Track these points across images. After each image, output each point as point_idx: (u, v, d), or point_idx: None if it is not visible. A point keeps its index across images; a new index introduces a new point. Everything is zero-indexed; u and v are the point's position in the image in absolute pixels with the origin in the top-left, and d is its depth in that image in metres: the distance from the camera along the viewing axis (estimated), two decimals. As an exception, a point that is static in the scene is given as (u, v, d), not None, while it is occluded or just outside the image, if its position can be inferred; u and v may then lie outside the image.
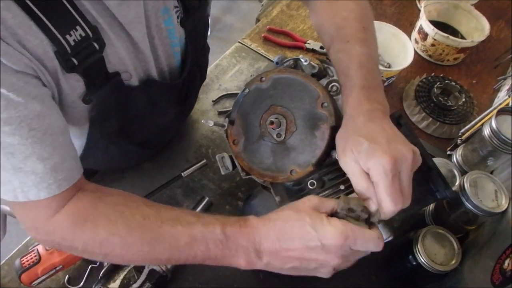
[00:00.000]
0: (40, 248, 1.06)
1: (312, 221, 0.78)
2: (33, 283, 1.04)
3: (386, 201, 0.77)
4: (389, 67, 1.63)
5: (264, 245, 0.83)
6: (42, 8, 0.71)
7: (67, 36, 0.75)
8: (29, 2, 0.69)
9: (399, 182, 0.78)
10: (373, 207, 0.80)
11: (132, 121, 1.06)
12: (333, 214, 0.82)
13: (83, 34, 0.77)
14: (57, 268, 1.05)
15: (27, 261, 1.04)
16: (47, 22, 0.72)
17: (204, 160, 1.29)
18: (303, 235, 0.79)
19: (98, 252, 0.87)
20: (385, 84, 1.58)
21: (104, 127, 1.01)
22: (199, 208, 1.21)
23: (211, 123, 1.01)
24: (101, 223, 0.84)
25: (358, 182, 0.81)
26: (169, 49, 1.02)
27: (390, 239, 0.95)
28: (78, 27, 0.76)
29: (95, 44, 0.81)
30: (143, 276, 1.04)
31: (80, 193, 0.88)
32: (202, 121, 1.03)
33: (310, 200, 0.83)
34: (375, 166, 0.77)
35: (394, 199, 0.76)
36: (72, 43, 0.77)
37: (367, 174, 0.79)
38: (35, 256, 1.04)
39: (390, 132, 0.82)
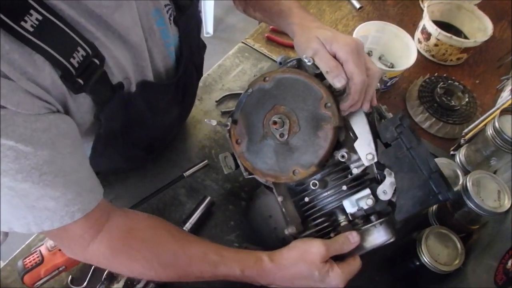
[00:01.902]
0: (43, 249, 1.06)
1: (320, 276, 0.94)
2: (36, 284, 1.04)
3: (356, 72, 0.91)
4: (392, 67, 1.63)
5: (277, 283, 0.98)
6: (43, 39, 0.70)
7: (71, 60, 0.75)
8: (30, 36, 0.68)
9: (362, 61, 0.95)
10: (342, 81, 0.92)
11: (134, 127, 1.06)
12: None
13: (84, 54, 0.77)
14: (60, 269, 1.05)
15: (30, 262, 1.04)
16: (51, 51, 0.71)
17: (206, 161, 1.30)
18: (312, 285, 0.96)
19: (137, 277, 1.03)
20: (388, 84, 1.58)
21: (109, 137, 1.01)
22: (200, 208, 1.21)
23: (214, 123, 1.02)
24: (136, 259, 0.93)
25: (327, 62, 0.94)
26: (164, 50, 1.02)
27: (391, 240, 0.95)
28: (79, 48, 0.76)
29: (96, 60, 0.80)
30: (146, 277, 1.05)
31: (111, 222, 0.94)
32: (206, 120, 1.03)
33: (319, 250, 0.95)
34: (342, 47, 0.92)
35: (362, 70, 0.92)
36: (76, 65, 0.76)
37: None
38: (38, 257, 1.04)
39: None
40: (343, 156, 0.95)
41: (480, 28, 1.73)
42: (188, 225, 1.17)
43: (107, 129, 0.96)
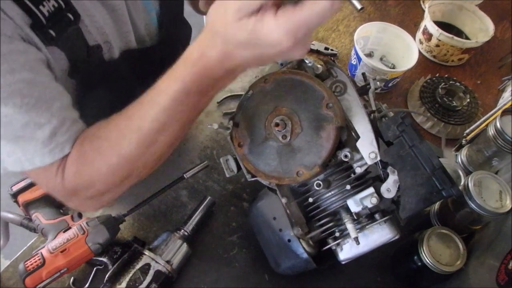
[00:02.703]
0: (44, 251, 1.05)
1: (246, 36, 0.67)
2: (38, 286, 1.04)
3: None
4: (394, 68, 1.63)
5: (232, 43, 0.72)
6: None
7: (41, 7, 0.75)
8: None
9: None
10: None
11: (121, 99, 1.04)
12: None
13: (56, 5, 0.77)
14: (62, 271, 1.05)
15: (31, 264, 1.03)
16: None
17: (206, 162, 1.30)
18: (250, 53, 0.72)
19: (119, 174, 0.88)
20: (389, 85, 1.58)
21: (94, 108, 0.99)
22: (201, 208, 1.21)
23: (215, 126, 1.02)
24: (103, 149, 0.85)
25: None
26: (146, 16, 1.01)
27: (396, 237, 0.96)
28: None
29: (69, 15, 0.80)
30: (149, 278, 1.05)
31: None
32: (208, 125, 1.03)
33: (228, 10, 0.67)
34: None
35: None
36: (46, 14, 0.76)
37: None
38: (39, 259, 1.04)
39: None
40: (346, 156, 0.95)
41: (481, 28, 1.73)
42: (189, 226, 1.17)
43: (88, 94, 0.95)
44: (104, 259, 1.08)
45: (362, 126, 0.95)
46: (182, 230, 1.15)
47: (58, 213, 1.16)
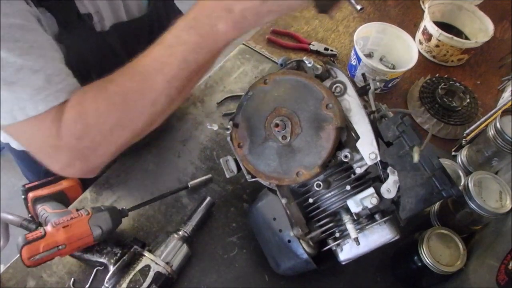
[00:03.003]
0: (48, 226, 1.04)
1: None
2: (32, 258, 1.02)
3: None
4: (394, 68, 1.63)
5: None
6: None
7: None
8: None
9: None
10: None
11: (110, 71, 1.02)
12: None
13: None
14: (60, 248, 1.03)
15: (32, 236, 1.02)
16: None
17: (210, 175, 1.32)
18: None
19: (114, 120, 0.87)
20: (389, 85, 1.58)
21: (82, 79, 0.96)
22: (201, 208, 1.21)
23: (215, 127, 1.02)
24: (98, 100, 0.85)
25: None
26: None
27: (396, 238, 0.96)
28: None
29: None
30: (149, 279, 1.04)
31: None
32: (208, 126, 1.03)
33: None
34: None
35: None
36: None
37: None
38: (40, 232, 1.03)
39: None
40: (346, 156, 0.95)
41: (481, 28, 1.73)
42: (189, 227, 1.17)
43: (80, 66, 0.94)
44: (104, 260, 1.08)
45: (362, 127, 0.95)
46: (182, 231, 1.15)
47: (64, 207, 1.18)
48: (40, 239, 1.01)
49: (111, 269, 1.07)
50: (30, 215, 1.22)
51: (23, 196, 1.19)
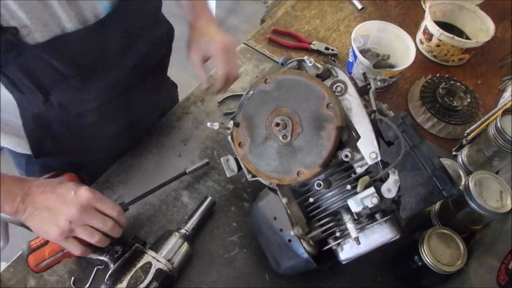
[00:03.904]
0: None
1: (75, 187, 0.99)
2: (40, 265, 1.03)
3: (221, 65, 1.20)
4: (393, 67, 1.63)
5: (33, 189, 0.97)
6: None
7: None
8: None
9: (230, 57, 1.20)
10: (204, 86, 1.28)
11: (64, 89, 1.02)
12: None
13: None
14: (64, 252, 1.04)
15: (35, 243, 1.03)
16: None
17: (206, 160, 1.32)
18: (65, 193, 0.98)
19: None
20: (385, 84, 1.58)
21: (31, 99, 0.99)
22: (201, 208, 1.21)
23: (216, 126, 1.02)
24: None
25: (197, 71, 1.26)
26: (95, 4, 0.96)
27: (397, 237, 0.96)
28: None
29: None
30: (150, 276, 1.04)
31: None
32: (208, 124, 1.03)
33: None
34: (213, 46, 1.21)
35: (227, 65, 1.21)
36: None
37: (204, 65, 1.25)
38: (43, 238, 1.03)
39: (218, 30, 1.26)
40: (346, 156, 0.95)
41: (482, 28, 1.73)
42: (190, 226, 1.17)
43: (14, 82, 0.94)
44: (105, 258, 1.08)
45: (363, 126, 0.95)
46: (183, 230, 1.15)
47: None
48: (44, 246, 1.02)
49: (112, 267, 1.07)
50: None
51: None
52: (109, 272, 1.06)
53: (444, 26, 1.73)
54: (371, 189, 0.94)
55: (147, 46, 1.14)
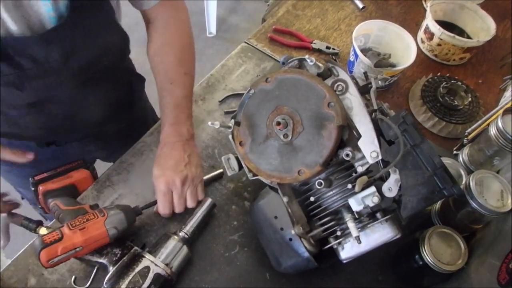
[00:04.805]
0: (64, 228, 1.05)
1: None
2: (51, 261, 1.03)
3: (160, 206, 1.20)
4: (394, 67, 1.63)
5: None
6: None
7: None
8: None
9: (171, 196, 1.20)
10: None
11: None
12: None
13: None
14: (77, 249, 1.03)
15: (49, 238, 1.03)
16: None
17: (221, 170, 1.34)
18: None
19: None
20: (386, 83, 1.58)
21: None
22: (202, 210, 1.21)
23: (217, 125, 1.02)
24: None
25: (158, 196, 1.21)
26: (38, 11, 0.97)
27: (398, 236, 0.96)
28: None
29: None
30: (148, 281, 1.04)
31: None
32: (209, 123, 1.03)
33: None
34: (156, 185, 1.20)
35: (163, 207, 1.20)
36: None
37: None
38: (58, 234, 1.03)
39: (180, 159, 1.22)
40: (347, 155, 0.95)
41: (483, 27, 1.73)
42: (189, 228, 1.16)
43: None
44: (104, 261, 1.07)
45: (364, 125, 0.95)
46: (182, 233, 1.15)
47: (76, 202, 1.19)
48: (57, 242, 1.02)
49: (111, 269, 1.07)
50: (40, 206, 1.23)
51: (32, 189, 1.19)
52: (108, 276, 1.06)
53: (445, 25, 1.73)
54: (372, 188, 0.94)
55: (93, 52, 1.14)
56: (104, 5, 1.08)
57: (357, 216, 0.98)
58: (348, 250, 1.00)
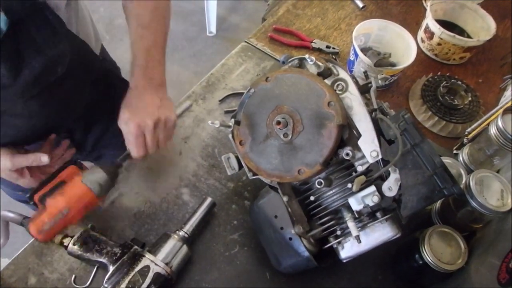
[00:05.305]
0: (46, 200, 1.07)
1: None
2: (42, 230, 1.04)
3: (132, 149, 1.16)
4: (393, 66, 1.62)
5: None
6: None
7: None
8: None
9: (144, 139, 1.16)
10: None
11: None
12: None
13: None
14: (64, 213, 1.05)
15: (34, 214, 1.06)
16: None
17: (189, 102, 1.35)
18: None
19: None
20: (386, 82, 1.58)
21: None
22: (201, 209, 1.21)
23: (217, 124, 1.02)
24: None
25: (129, 143, 1.17)
26: None
27: (398, 236, 0.96)
28: None
29: None
30: (148, 280, 1.04)
31: None
32: (209, 122, 1.03)
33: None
34: (125, 129, 1.16)
35: (137, 150, 1.16)
36: None
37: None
38: (41, 208, 1.06)
39: (152, 102, 1.18)
40: (347, 154, 0.95)
41: (483, 27, 1.73)
42: (189, 228, 1.16)
43: None
44: (104, 260, 1.08)
45: (364, 125, 0.95)
46: (182, 232, 1.15)
47: None
48: (42, 213, 1.03)
49: (111, 269, 1.07)
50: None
51: (31, 203, 1.19)
52: (107, 275, 1.06)
53: (445, 24, 1.73)
54: (372, 188, 0.94)
55: (43, 63, 1.10)
56: (49, 16, 1.06)
57: (357, 216, 0.97)
58: (348, 250, 1.00)
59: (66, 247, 1.10)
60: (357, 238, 0.94)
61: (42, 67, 1.09)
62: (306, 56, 1.02)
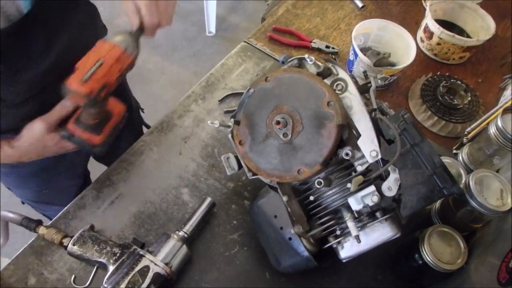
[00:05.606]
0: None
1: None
2: (82, 80, 0.95)
3: (147, 16, 1.04)
4: (393, 65, 1.63)
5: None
6: None
7: None
8: None
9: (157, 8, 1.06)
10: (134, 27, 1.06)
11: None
12: None
13: None
14: (98, 65, 0.97)
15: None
16: None
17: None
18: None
19: None
20: (386, 82, 1.58)
21: None
22: (201, 209, 1.21)
23: (217, 124, 1.02)
24: None
25: (130, 16, 1.06)
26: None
27: (398, 236, 0.96)
28: None
29: None
30: (147, 280, 1.04)
31: None
32: (209, 122, 1.03)
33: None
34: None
35: (151, 15, 1.05)
36: None
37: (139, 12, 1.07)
38: None
39: None
40: (347, 154, 0.95)
41: (482, 26, 1.73)
42: (189, 228, 1.16)
43: None
44: (104, 260, 1.08)
45: (363, 124, 0.95)
46: (182, 232, 1.15)
47: None
48: (75, 72, 0.97)
49: (110, 269, 1.07)
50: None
51: None
52: (107, 275, 1.06)
53: (445, 24, 1.73)
54: (372, 187, 0.94)
55: (70, 35, 1.13)
56: None
57: (356, 215, 0.97)
58: (347, 249, 1.00)
59: (65, 247, 1.10)
60: (357, 238, 0.94)
61: (68, 39, 1.13)
62: (306, 56, 1.02)
